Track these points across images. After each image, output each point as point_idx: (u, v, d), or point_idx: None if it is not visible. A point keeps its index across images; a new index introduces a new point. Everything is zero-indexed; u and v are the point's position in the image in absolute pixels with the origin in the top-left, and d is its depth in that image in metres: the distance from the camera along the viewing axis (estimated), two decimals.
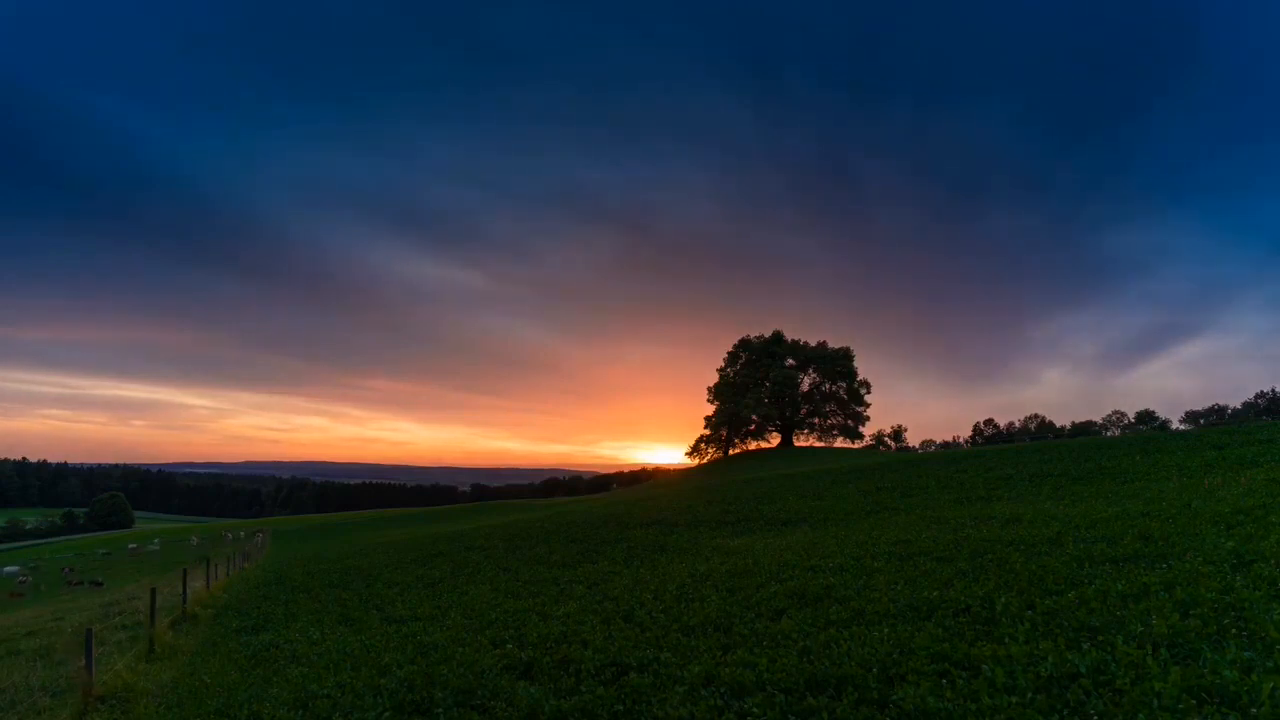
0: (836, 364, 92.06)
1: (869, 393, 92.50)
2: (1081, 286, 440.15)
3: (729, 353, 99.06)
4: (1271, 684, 4.50)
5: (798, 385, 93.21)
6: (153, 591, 13.27)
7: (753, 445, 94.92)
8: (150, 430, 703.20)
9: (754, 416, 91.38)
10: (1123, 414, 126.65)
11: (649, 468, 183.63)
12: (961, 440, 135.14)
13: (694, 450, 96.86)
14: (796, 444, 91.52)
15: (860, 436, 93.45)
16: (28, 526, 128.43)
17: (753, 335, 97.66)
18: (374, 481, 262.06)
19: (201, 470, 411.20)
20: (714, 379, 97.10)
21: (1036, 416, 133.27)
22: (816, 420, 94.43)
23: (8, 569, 54.98)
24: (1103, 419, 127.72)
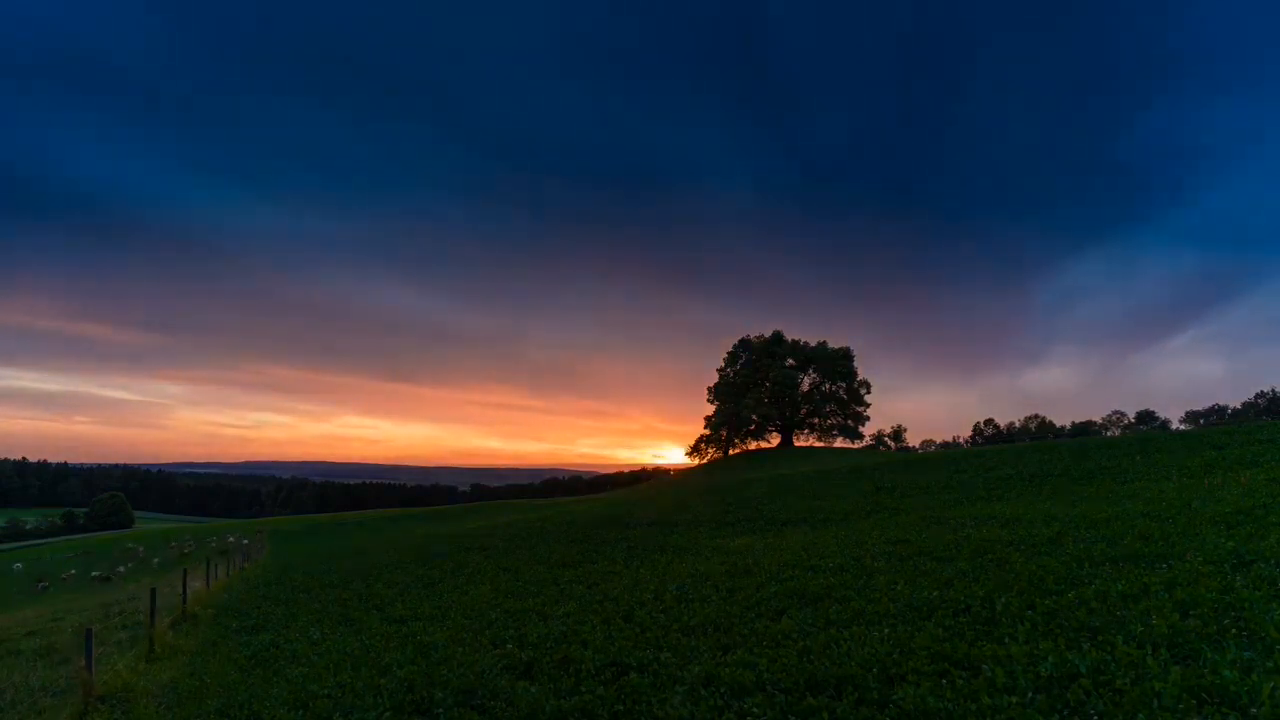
0: (836, 364, 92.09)
1: (869, 393, 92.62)
2: (1107, 211, 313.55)
3: (729, 353, 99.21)
4: (1271, 684, 4.50)
5: (798, 385, 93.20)
6: (153, 592, 13.27)
7: (753, 445, 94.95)
8: (101, 429, 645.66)
9: (754, 416, 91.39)
10: (1122, 414, 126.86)
11: (649, 468, 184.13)
12: (961, 440, 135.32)
13: (694, 450, 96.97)
14: (796, 444, 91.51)
15: (860, 436, 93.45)
16: (28, 526, 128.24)
17: (753, 335, 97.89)
18: (374, 481, 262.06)
19: (201, 470, 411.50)
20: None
21: (1036, 416, 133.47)
22: (816, 420, 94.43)
23: (15, 565, 56.20)
24: (1102, 419, 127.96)
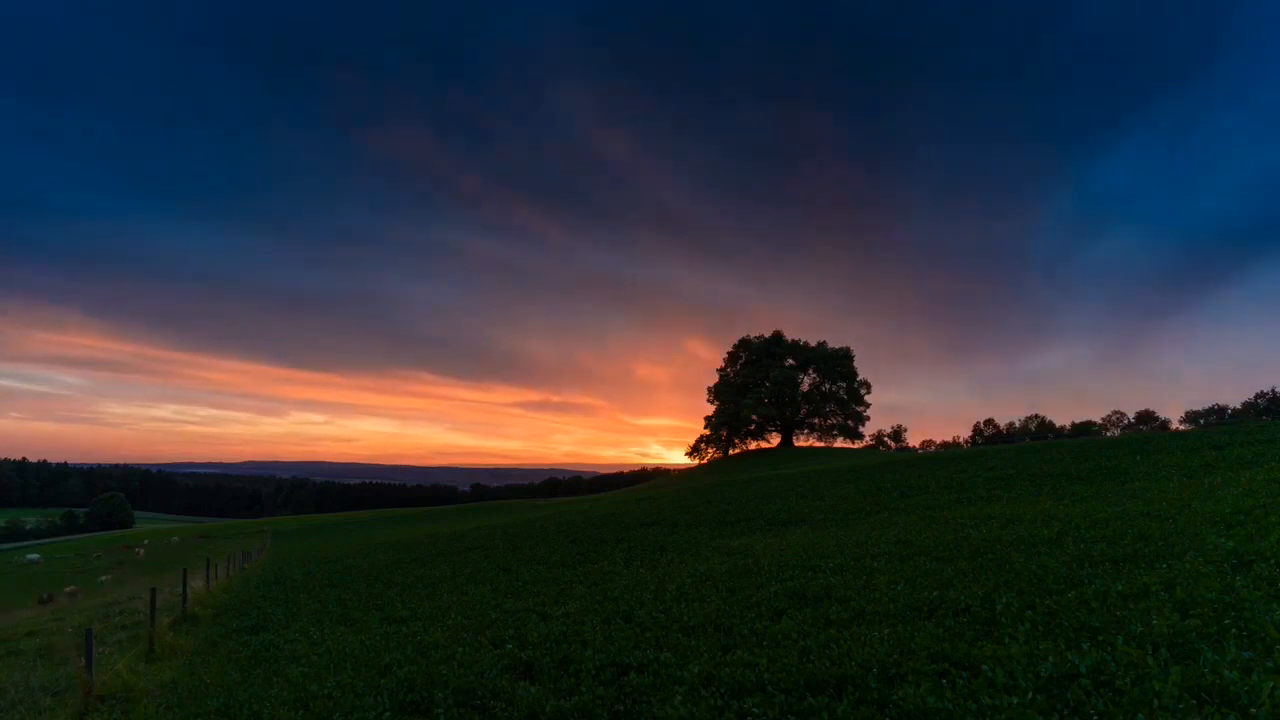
0: (836, 364, 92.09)
1: (869, 393, 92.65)
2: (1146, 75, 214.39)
3: (729, 353, 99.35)
4: (1271, 684, 4.50)
5: (798, 385, 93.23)
6: (153, 591, 13.29)
7: (753, 445, 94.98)
8: (35, 424, 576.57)
9: (754, 416, 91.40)
10: (1123, 414, 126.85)
11: (649, 468, 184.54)
12: (961, 440, 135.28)
13: (694, 450, 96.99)
14: (796, 444, 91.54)
15: (860, 436, 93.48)
16: (28, 526, 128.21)
17: (753, 335, 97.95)
18: (374, 481, 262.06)
19: (202, 470, 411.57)
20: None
21: (1037, 416, 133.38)
22: (816, 420, 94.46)
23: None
24: (1103, 419, 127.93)
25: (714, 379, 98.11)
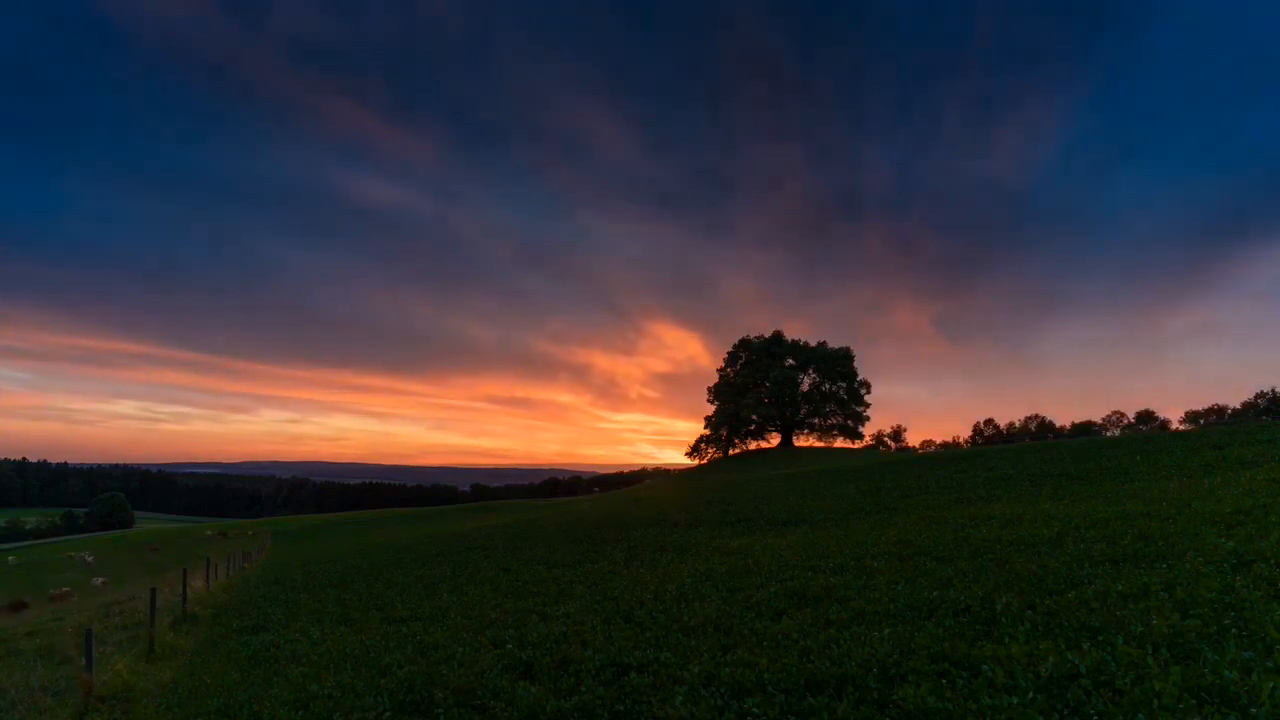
0: (836, 364, 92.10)
1: (869, 393, 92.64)
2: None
3: (729, 353, 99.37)
4: (1271, 684, 4.50)
5: (798, 385, 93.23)
6: (153, 591, 13.29)
7: (753, 445, 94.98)
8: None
9: (754, 416, 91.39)
10: (1123, 414, 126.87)
11: (649, 468, 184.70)
12: (961, 440, 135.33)
13: (694, 450, 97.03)
14: (796, 444, 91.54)
15: (860, 436, 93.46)
16: (28, 526, 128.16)
17: (753, 335, 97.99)
18: (374, 481, 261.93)
19: (202, 470, 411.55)
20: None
21: (1037, 416, 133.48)
22: (816, 420, 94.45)
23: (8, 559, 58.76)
24: (1103, 419, 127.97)
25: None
